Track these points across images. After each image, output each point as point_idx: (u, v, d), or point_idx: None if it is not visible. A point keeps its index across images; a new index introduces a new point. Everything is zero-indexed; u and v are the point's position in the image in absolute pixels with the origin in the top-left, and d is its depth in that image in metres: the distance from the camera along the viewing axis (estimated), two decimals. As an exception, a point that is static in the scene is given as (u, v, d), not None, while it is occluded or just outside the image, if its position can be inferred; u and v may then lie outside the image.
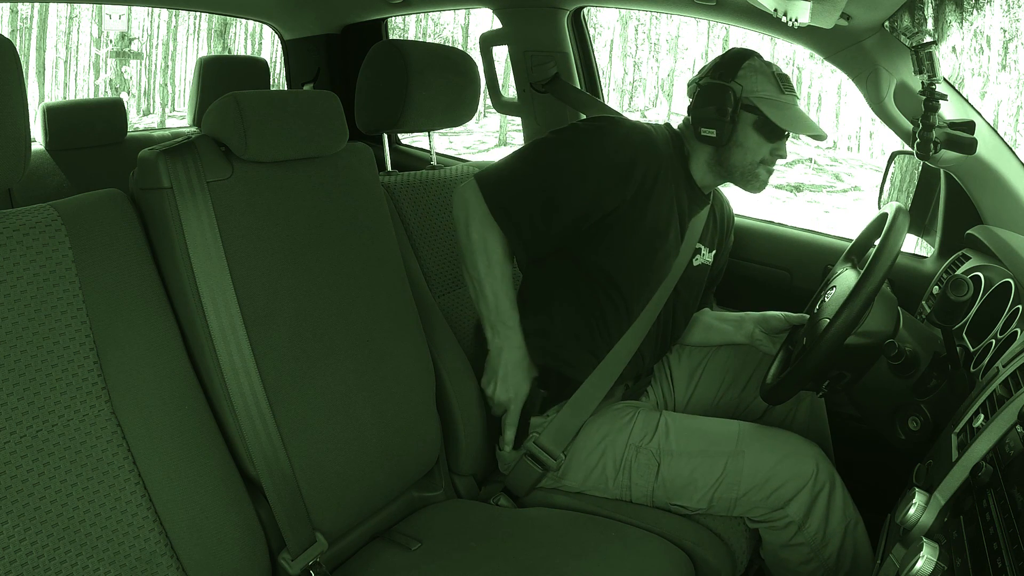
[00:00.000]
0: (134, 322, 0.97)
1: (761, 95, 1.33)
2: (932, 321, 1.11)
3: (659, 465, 1.31)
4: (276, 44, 2.79)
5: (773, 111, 1.32)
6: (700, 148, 1.39)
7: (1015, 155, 1.48)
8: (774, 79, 1.34)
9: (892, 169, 1.72)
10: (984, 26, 8.53)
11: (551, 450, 1.35)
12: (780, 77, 1.35)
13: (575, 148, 1.31)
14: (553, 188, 1.29)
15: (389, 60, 1.52)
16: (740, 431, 1.31)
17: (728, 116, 1.32)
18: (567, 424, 1.35)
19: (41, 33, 11.37)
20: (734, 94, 1.32)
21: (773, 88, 1.33)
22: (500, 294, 1.33)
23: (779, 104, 1.33)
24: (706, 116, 1.34)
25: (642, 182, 1.31)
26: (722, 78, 1.34)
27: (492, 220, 1.30)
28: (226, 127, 1.11)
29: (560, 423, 1.35)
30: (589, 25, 2.15)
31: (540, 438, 1.36)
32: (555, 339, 1.37)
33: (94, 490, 0.90)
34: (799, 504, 1.24)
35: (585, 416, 1.36)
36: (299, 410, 1.13)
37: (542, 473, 1.36)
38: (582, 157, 1.30)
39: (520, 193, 1.30)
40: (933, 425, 1.15)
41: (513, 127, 11.03)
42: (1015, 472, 0.76)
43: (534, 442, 1.36)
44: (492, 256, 1.31)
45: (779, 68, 1.37)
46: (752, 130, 1.34)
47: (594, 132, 1.32)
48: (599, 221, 1.31)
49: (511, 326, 1.34)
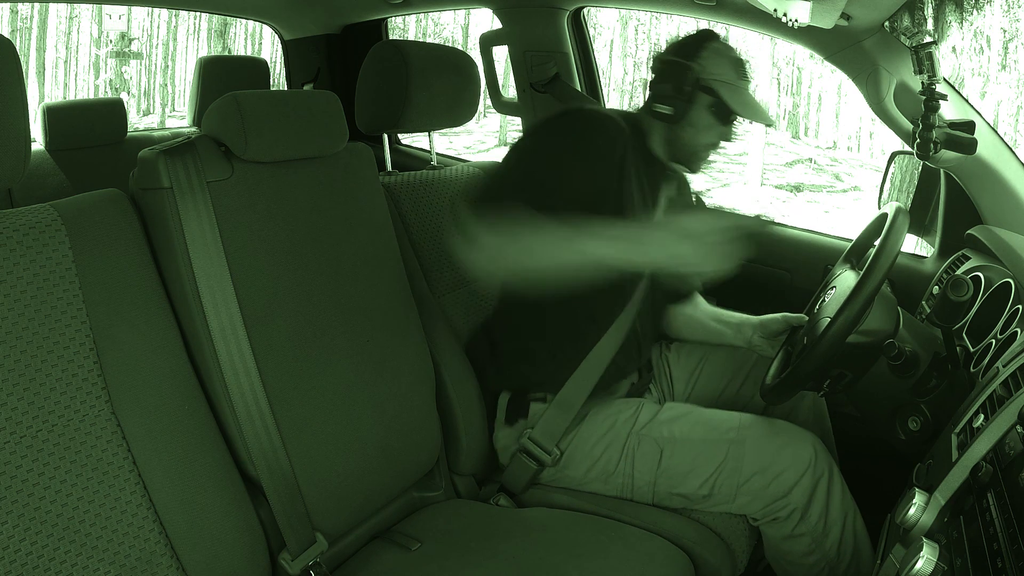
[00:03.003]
0: (134, 322, 0.97)
1: (719, 78, 1.33)
2: (932, 321, 1.11)
3: (661, 452, 1.32)
4: (276, 44, 2.79)
5: (730, 95, 1.32)
6: (655, 125, 1.40)
7: (1015, 155, 1.48)
8: (733, 63, 1.35)
9: (892, 169, 1.72)
10: (984, 26, 8.53)
11: (544, 444, 1.36)
12: (739, 62, 1.36)
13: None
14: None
15: (389, 60, 1.52)
16: (741, 420, 1.32)
17: (685, 95, 1.33)
18: (557, 417, 1.36)
19: (41, 33, 11.37)
20: (693, 74, 1.32)
21: (732, 72, 1.34)
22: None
23: (736, 89, 1.34)
24: (663, 93, 1.35)
25: (622, 165, 1.32)
26: (684, 57, 1.34)
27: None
28: (226, 127, 1.11)
29: (550, 418, 1.36)
30: (589, 25, 2.15)
31: (533, 432, 1.36)
32: (540, 361, 1.39)
33: (94, 490, 0.90)
34: (801, 490, 1.24)
35: (576, 405, 1.36)
36: (299, 410, 1.13)
37: (538, 468, 1.37)
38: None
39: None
40: (933, 425, 1.15)
41: (513, 127, 11.04)
42: (1015, 472, 0.76)
43: (528, 437, 1.36)
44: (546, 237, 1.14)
45: (739, 53, 1.37)
46: (706, 112, 1.34)
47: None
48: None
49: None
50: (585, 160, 1.26)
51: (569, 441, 1.37)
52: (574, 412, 1.36)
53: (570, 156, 1.25)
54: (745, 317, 1.53)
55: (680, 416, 1.35)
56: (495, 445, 1.45)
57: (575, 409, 1.36)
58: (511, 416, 1.41)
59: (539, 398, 1.39)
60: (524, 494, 1.40)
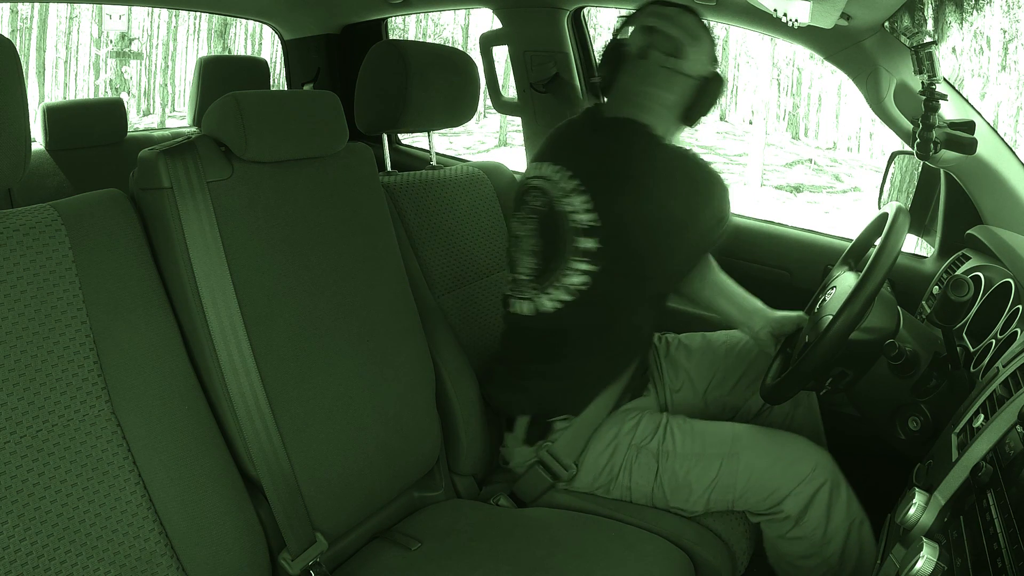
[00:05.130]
0: (134, 322, 0.97)
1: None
2: (932, 321, 1.11)
3: (658, 466, 1.32)
4: (276, 44, 2.79)
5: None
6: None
7: (1015, 155, 1.48)
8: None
9: (892, 169, 1.72)
10: (984, 26, 8.53)
11: (563, 460, 1.35)
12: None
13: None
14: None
15: (389, 60, 1.52)
16: (736, 433, 1.32)
17: (610, 67, 1.37)
18: (580, 434, 1.36)
19: (41, 33, 11.36)
20: (621, 47, 1.36)
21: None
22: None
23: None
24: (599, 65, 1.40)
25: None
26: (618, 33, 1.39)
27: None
28: (226, 127, 1.11)
29: (574, 433, 1.36)
30: (589, 25, 2.15)
31: (553, 447, 1.36)
32: (572, 383, 1.37)
33: (94, 490, 0.90)
34: (795, 501, 1.24)
35: (597, 423, 1.36)
36: (299, 410, 1.13)
37: (552, 483, 1.37)
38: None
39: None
40: (933, 425, 1.15)
41: (513, 127, 11.03)
42: (1015, 472, 0.75)
43: (547, 451, 1.36)
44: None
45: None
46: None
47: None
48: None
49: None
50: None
51: (584, 450, 1.37)
52: (593, 428, 1.36)
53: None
54: (760, 307, 1.46)
55: (678, 428, 1.34)
56: (509, 461, 1.43)
57: (595, 426, 1.36)
58: (532, 437, 1.39)
59: (563, 419, 1.38)
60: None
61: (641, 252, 1.28)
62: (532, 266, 1.35)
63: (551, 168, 1.33)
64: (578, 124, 1.40)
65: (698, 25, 1.34)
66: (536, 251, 1.34)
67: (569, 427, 1.36)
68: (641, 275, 1.30)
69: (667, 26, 1.32)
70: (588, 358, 1.36)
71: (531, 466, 1.38)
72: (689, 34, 1.32)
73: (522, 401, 1.40)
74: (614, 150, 1.29)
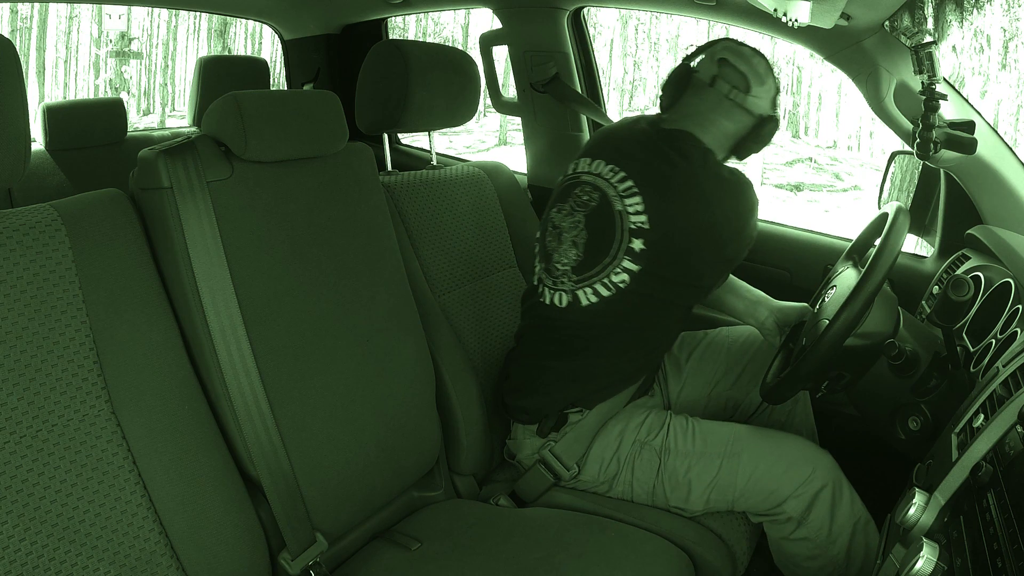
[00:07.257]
0: (134, 322, 0.97)
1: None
2: (932, 321, 1.11)
3: (660, 463, 1.32)
4: (276, 44, 2.79)
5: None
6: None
7: (1015, 155, 1.48)
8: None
9: (892, 169, 1.72)
10: (984, 25, 8.53)
11: (565, 461, 1.36)
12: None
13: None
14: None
15: (389, 60, 1.52)
16: (737, 434, 1.32)
17: (676, 88, 1.40)
18: (584, 433, 1.36)
19: (41, 33, 11.36)
20: (690, 72, 1.39)
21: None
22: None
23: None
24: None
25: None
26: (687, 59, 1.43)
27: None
28: (226, 127, 1.11)
29: (578, 433, 1.36)
30: (589, 25, 2.15)
31: (556, 447, 1.36)
32: (594, 379, 1.38)
33: (94, 490, 0.90)
34: (797, 502, 1.25)
35: (603, 422, 1.37)
36: (299, 410, 1.13)
37: (553, 482, 1.37)
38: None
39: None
40: (933, 425, 1.15)
41: (513, 127, 11.02)
42: (1015, 472, 0.75)
43: (549, 451, 1.36)
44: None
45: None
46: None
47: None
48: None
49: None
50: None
51: (586, 451, 1.37)
52: (598, 428, 1.37)
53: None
54: (763, 296, 1.51)
55: (681, 427, 1.35)
56: (516, 451, 1.43)
57: (600, 425, 1.37)
58: (545, 429, 1.39)
59: (577, 411, 1.38)
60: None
61: (683, 259, 1.30)
62: (574, 257, 1.34)
63: (605, 167, 1.35)
64: (636, 128, 1.41)
65: (767, 69, 1.39)
66: (581, 243, 1.34)
67: (575, 427, 1.36)
68: (678, 282, 1.33)
69: (739, 62, 1.36)
70: (613, 356, 1.37)
71: (534, 464, 1.38)
72: (757, 74, 1.37)
73: (542, 404, 1.39)
74: (673, 159, 1.31)
